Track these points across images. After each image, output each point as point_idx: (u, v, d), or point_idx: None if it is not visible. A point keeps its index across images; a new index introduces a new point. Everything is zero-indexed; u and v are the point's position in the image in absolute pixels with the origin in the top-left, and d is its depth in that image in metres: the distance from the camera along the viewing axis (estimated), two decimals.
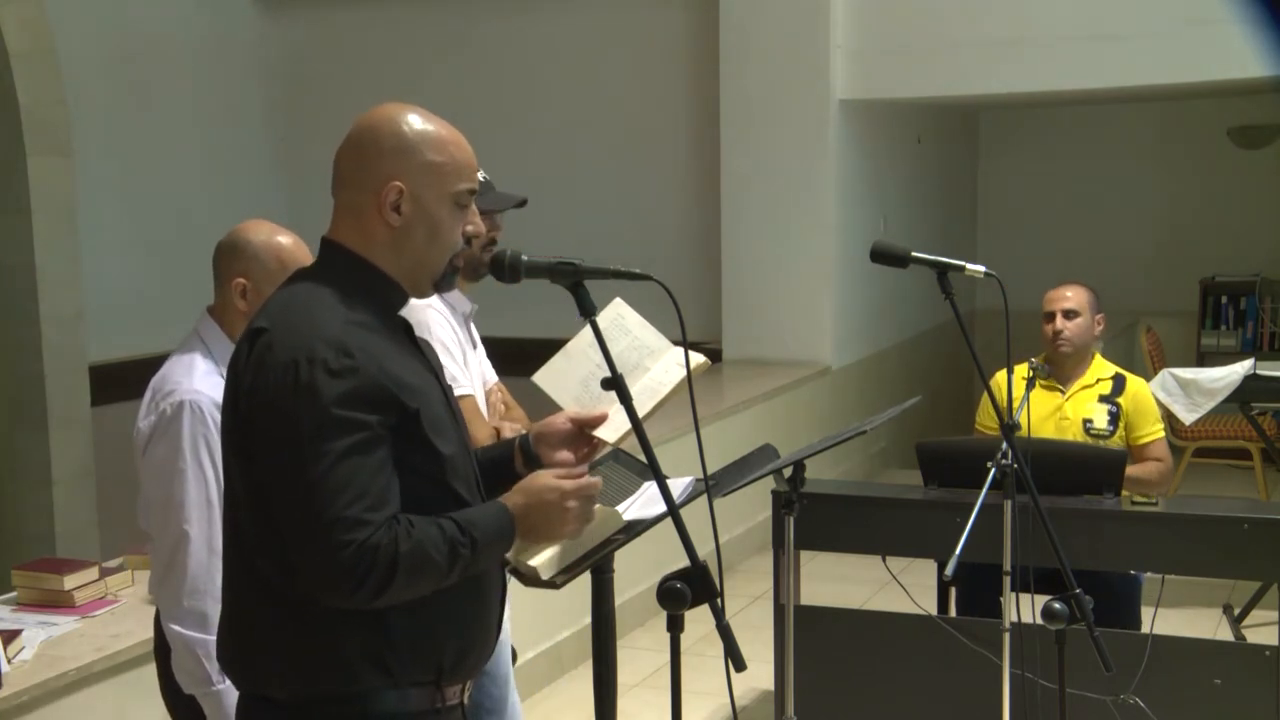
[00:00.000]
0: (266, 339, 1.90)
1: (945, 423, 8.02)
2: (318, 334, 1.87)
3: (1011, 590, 3.30)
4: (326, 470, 1.82)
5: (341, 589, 1.83)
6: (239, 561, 1.98)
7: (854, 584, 5.48)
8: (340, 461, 1.83)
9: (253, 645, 1.97)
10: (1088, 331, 4.36)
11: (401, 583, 1.85)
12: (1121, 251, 9.33)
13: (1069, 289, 4.40)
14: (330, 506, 1.82)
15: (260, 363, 1.89)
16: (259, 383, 1.88)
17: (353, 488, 1.83)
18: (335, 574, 1.82)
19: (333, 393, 1.84)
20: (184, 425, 2.51)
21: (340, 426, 1.84)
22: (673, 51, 7.98)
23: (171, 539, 2.53)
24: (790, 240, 7.40)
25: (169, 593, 2.54)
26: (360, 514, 1.83)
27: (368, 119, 2.01)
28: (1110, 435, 4.29)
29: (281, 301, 1.97)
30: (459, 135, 2.03)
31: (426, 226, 1.99)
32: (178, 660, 2.55)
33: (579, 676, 5.01)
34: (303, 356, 1.85)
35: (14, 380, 6.36)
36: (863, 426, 3.45)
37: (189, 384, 2.55)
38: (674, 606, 2.16)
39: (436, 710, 1.99)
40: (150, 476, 2.58)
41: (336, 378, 1.85)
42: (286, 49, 8.66)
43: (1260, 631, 4.97)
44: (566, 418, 2.27)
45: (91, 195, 6.93)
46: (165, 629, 2.56)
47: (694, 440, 2.23)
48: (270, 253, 2.61)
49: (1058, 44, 6.89)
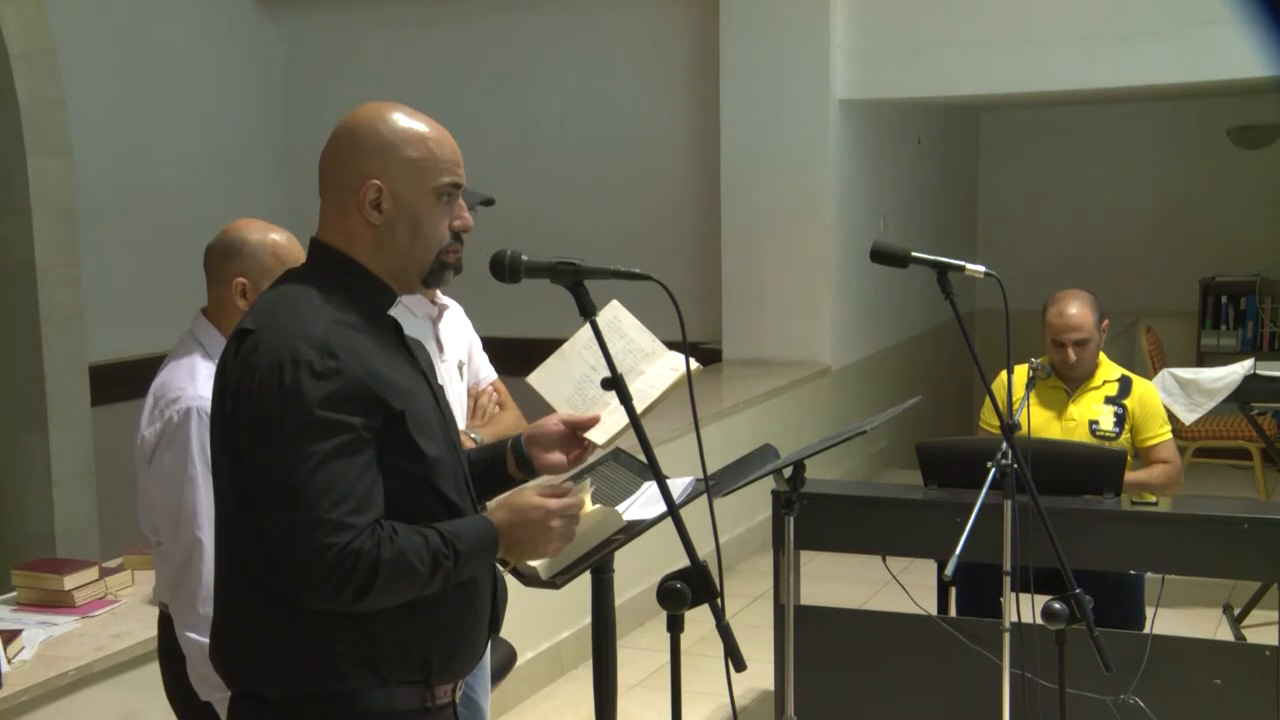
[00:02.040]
0: (253, 340, 1.90)
1: (945, 423, 8.03)
2: (302, 335, 1.87)
3: (1011, 590, 3.30)
4: (310, 472, 1.82)
5: (322, 591, 1.83)
6: (229, 559, 1.98)
7: (854, 584, 5.48)
8: (324, 464, 1.83)
9: (243, 643, 1.97)
10: (1097, 348, 4.33)
11: (381, 589, 1.85)
12: (1121, 251, 9.32)
13: (1074, 310, 4.25)
14: (313, 509, 1.82)
15: (246, 364, 1.89)
16: (244, 384, 1.88)
17: (336, 490, 1.83)
18: (316, 577, 1.82)
19: (317, 394, 1.84)
20: (192, 432, 2.50)
21: (324, 428, 1.84)
22: (673, 51, 7.98)
23: (185, 547, 2.51)
24: (790, 240, 7.40)
25: (184, 601, 2.52)
26: (343, 517, 1.82)
27: (349, 119, 2.02)
28: (1116, 437, 4.28)
29: (269, 302, 1.97)
30: (442, 131, 2.03)
31: (408, 223, 1.98)
32: (194, 667, 2.52)
33: (579, 676, 5.01)
34: (287, 358, 1.85)
35: (14, 380, 6.36)
36: (863, 426, 3.45)
37: (193, 390, 2.53)
38: (674, 606, 2.16)
39: (427, 709, 1.99)
40: (158, 484, 2.56)
41: (321, 379, 1.84)
42: (286, 49, 8.67)
43: (1260, 631, 4.97)
44: (559, 419, 2.27)
45: (91, 195, 6.93)
46: (180, 637, 2.54)
47: (694, 440, 2.23)
48: (266, 250, 2.60)
49: (1058, 44, 6.89)
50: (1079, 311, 4.28)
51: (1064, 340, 4.26)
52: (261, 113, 8.53)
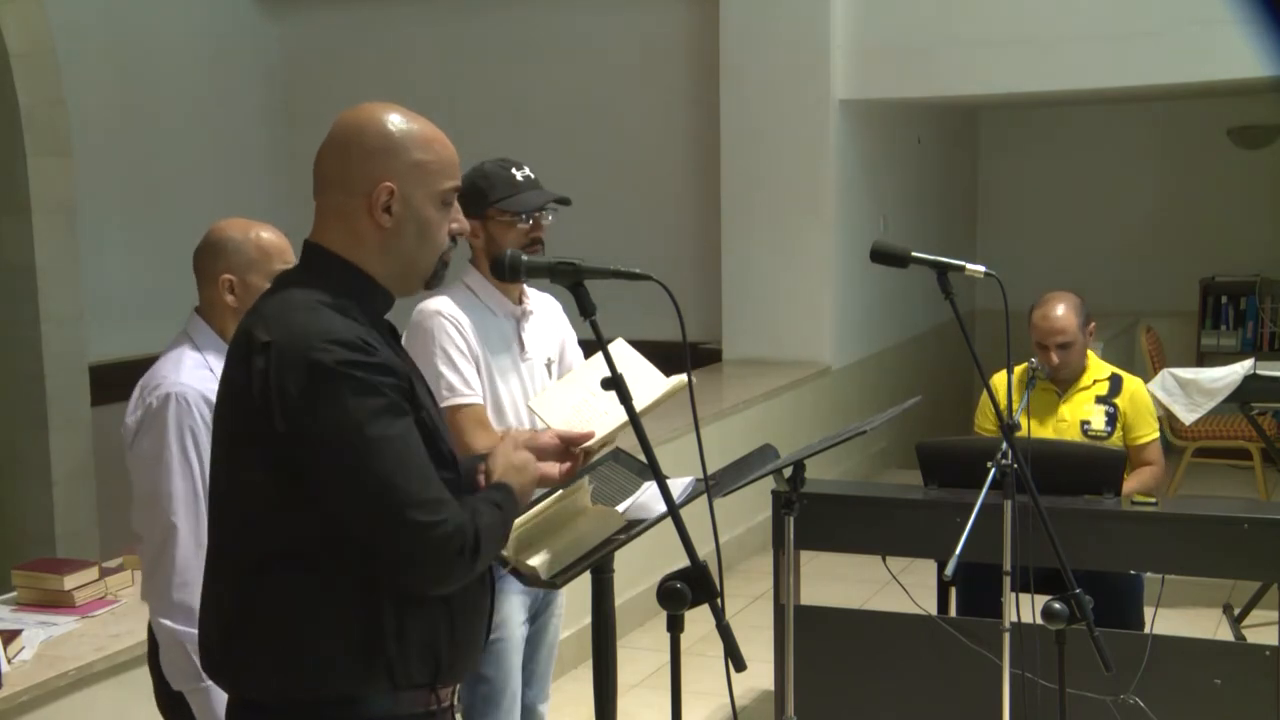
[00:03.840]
0: (277, 351, 1.85)
1: (945, 423, 8.02)
2: (330, 335, 1.86)
3: (1011, 590, 3.30)
4: (390, 459, 1.83)
5: (456, 569, 1.88)
6: (233, 563, 1.95)
7: (854, 584, 5.48)
8: (397, 448, 1.84)
9: (248, 650, 1.93)
10: (1082, 350, 4.33)
11: (486, 551, 1.91)
12: (1121, 251, 9.33)
13: (1058, 313, 4.25)
14: (406, 493, 1.83)
15: (281, 375, 1.84)
16: (289, 395, 1.83)
17: (416, 471, 1.85)
18: (434, 557, 1.85)
19: (367, 385, 1.84)
20: (169, 416, 2.52)
21: (384, 414, 1.85)
22: (673, 51, 7.98)
23: (160, 532, 2.52)
24: (790, 240, 7.40)
25: (157, 587, 2.53)
26: (435, 494, 1.86)
27: (351, 120, 1.99)
28: (1108, 436, 4.28)
29: (278, 311, 1.91)
30: (441, 133, 2.03)
31: (416, 226, 1.98)
32: (166, 656, 2.53)
33: (579, 676, 5.00)
34: (326, 358, 1.83)
35: (14, 380, 6.36)
36: (863, 426, 3.45)
37: (175, 377, 2.56)
38: (674, 606, 2.16)
39: (431, 713, 1.99)
40: (137, 470, 2.57)
41: (365, 371, 1.85)
42: (286, 49, 8.67)
43: (1260, 631, 4.97)
44: (554, 434, 2.33)
45: (91, 195, 6.93)
46: (154, 624, 2.55)
47: (694, 440, 2.24)
48: (250, 243, 2.64)
49: (1058, 44, 6.89)
50: (1063, 314, 4.27)
51: (1047, 343, 4.26)
52: (261, 113, 8.53)
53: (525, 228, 3.03)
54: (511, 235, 3.02)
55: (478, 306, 3.04)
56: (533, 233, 3.04)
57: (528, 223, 3.04)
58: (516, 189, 3.05)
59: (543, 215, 3.07)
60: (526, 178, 3.08)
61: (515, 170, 3.08)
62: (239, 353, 1.92)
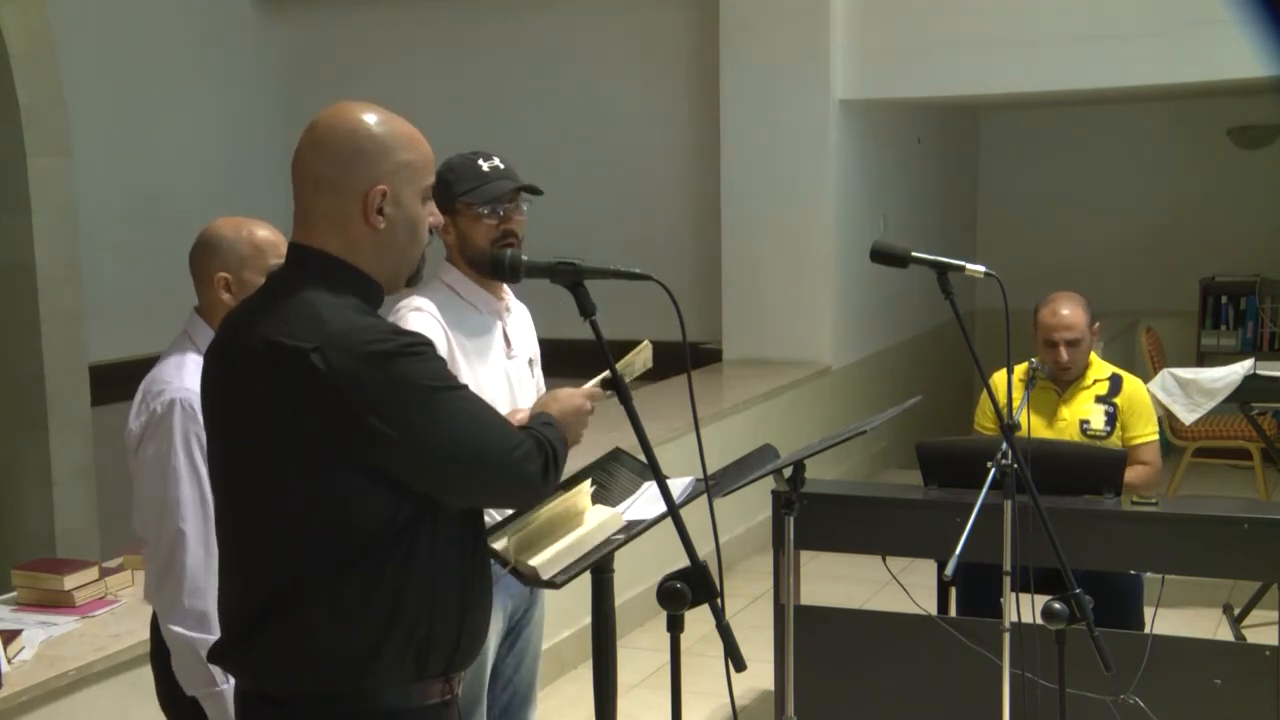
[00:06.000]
0: (332, 352, 1.84)
1: (945, 423, 8.02)
2: (373, 329, 1.89)
3: (1011, 590, 3.30)
4: (477, 410, 1.95)
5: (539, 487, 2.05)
6: (249, 556, 1.95)
7: (854, 584, 5.47)
8: (464, 406, 1.94)
9: (272, 645, 1.93)
10: (1088, 349, 4.34)
11: (563, 460, 2.09)
12: (1121, 251, 9.32)
13: (1067, 310, 4.27)
14: (501, 436, 1.97)
15: (349, 372, 1.83)
16: (366, 388, 1.84)
17: (485, 418, 1.97)
18: (532, 480, 2.01)
19: (429, 357, 1.92)
20: (175, 423, 2.51)
21: (451, 376, 1.96)
22: (673, 51, 7.98)
23: (168, 538, 2.52)
24: (790, 240, 7.40)
25: (167, 594, 2.53)
26: (512, 431, 2.01)
27: (337, 123, 1.96)
28: (1108, 436, 4.28)
29: (300, 315, 1.88)
30: (416, 129, 2.04)
31: (407, 225, 1.99)
32: (179, 662, 2.53)
33: (579, 676, 5.00)
34: (385, 347, 1.87)
35: (14, 380, 6.36)
36: (863, 426, 3.45)
37: (179, 382, 2.55)
38: (674, 606, 2.16)
39: (445, 703, 2.01)
40: (143, 476, 2.57)
41: (420, 347, 1.91)
42: (286, 49, 8.66)
43: (1260, 631, 4.97)
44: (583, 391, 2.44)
45: (91, 195, 6.93)
46: (164, 631, 2.54)
47: (694, 440, 2.24)
48: (243, 240, 2.64)
49: (1058, 44, 6.89)
50: (1071, 311, 4.29)
51: (1056, 340, 4.27)
52: (261, 113, 8.53)
53: (493, 222, 2.86)
54: (481, 228, 2.86)
55: (460, 305, 2.91)
56: (503, 225, 2.86)
57: (496, 214, 2.86)
58: (483, 180, 2.85)
59: (514, 207, 2.89)
60: (495, 168, 2.88)
61: (483, 161, 2.88)
62: (265, 362, 1.88)
